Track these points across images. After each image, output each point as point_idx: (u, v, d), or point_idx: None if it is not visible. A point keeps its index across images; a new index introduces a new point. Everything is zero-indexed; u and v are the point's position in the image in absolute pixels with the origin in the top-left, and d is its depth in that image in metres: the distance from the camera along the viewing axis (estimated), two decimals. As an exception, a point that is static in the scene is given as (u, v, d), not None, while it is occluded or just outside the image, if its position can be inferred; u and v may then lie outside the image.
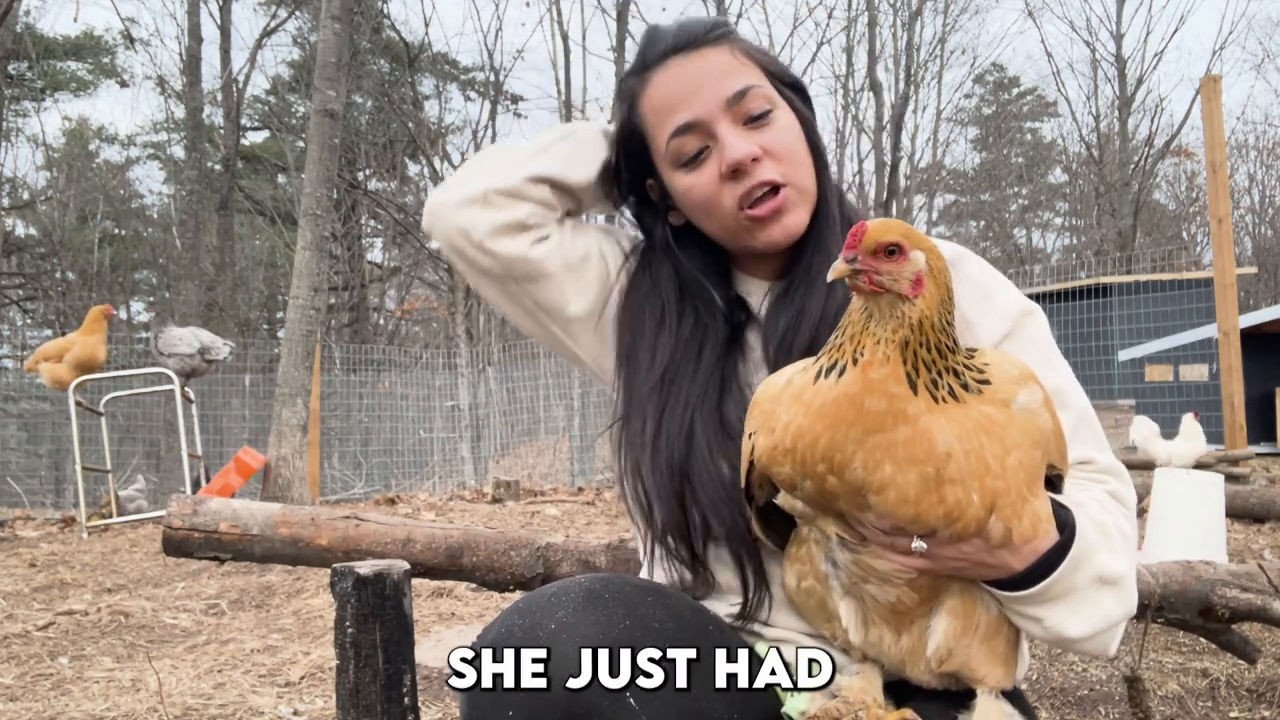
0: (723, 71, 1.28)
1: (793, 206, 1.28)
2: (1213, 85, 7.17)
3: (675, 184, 1.32)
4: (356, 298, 23.01)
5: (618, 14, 21.73)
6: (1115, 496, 1.21)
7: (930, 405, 0.93)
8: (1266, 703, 2.69)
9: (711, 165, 1.28)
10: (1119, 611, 1.08)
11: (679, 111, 1.28)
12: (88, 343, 7.05)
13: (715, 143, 1.28)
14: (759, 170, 1.26)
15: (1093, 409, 1.29)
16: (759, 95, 1.28)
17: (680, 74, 1.29)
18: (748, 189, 1.26)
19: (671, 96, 1.29)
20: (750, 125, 1.28)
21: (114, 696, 2.87)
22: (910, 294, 0.93)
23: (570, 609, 1.00)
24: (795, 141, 1.30)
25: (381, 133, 21.67)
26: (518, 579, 1.88)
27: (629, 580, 1.13)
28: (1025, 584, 1.03)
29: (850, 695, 1.09)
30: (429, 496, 8.58)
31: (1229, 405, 6.86)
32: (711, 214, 1.31)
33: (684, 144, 1.29)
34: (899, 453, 0.93)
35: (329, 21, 8.18)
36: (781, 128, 1.30)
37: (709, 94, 1.27)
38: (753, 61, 1.31)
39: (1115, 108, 27.66)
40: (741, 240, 1.32)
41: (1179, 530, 3.67)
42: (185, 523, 1.92)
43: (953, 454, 0.93)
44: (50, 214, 23.88)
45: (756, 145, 1.26)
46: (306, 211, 8.08)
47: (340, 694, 1.28)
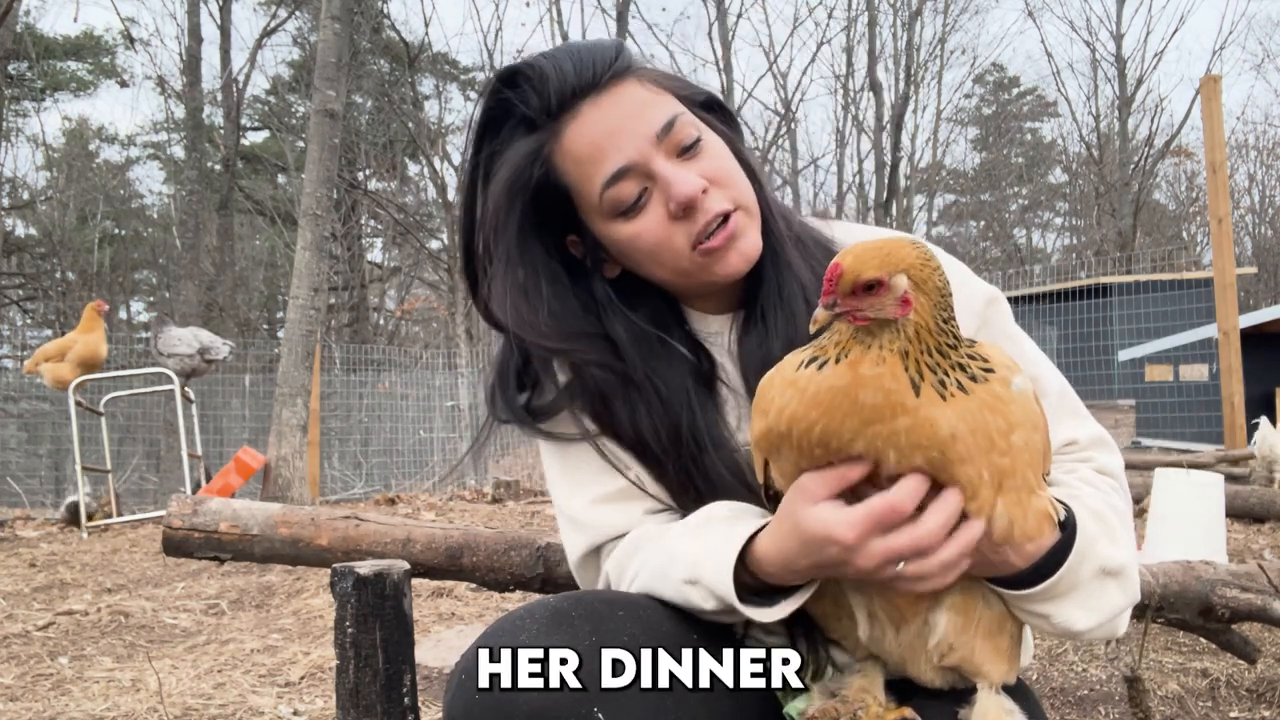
0: (641, 106, 1.19)
1: (745, 230, 1.22)
2: (1213, 85, 7.17)
3: (615, 234, 1.22)
4: (356, 298, 23.02)
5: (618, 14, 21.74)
6: (1105, 471, 1.21)
7: (934, 400, 0.93)
8: (1266, 703, 2.69)
9: (655, 207, 1.19)
10: (1123, 600, 1.08)
11: (608, 158, 1.18)
12: (89, 340, 7.05)
13: (655, 183, 1.19)
14: (709, 202, 1.19)
15: (1069, 386, 1.30)
16: (686, 124, 1.21)
17: (598, 118, 1.18)
18: (703, 225, 1.19)
19: (595, 144, 1.18)
20: (684, 157, 1.20)
21: (114, 696, 2.87)
22: (898, 316, 0.93)
23: (534, 630, 1.01)
24: (730, 163, 1.24)
25: (381, 133, 21.67)
26: (518, 579, 1.87)
27: (601, 595, 1.13)
28: (1030, 582, 1.03)
29: (850, 694, 1.10)
30: (429, 496, 8.57)
31: (1229, 405, 6.86)
32: (662, 258, 1.22)
33: (621, 191, 1.18)
34: (901, 440, 0.94)
35: (329, 21, 8.18)
36: (714, 153, 1.23)
37: (635, 133, 1.18)
38: (665, 89, 1.24)
39: (1115, 108, 27.69)
40: (699, 278, 1.24)
41: (1179, 530, 3.67)
42: (185, 523, 1.92)
43: (957, 435, 0.93)
44: (50, 214, 23.88)
45: (699, 176, 1.19)
46: (306, 211, 8.08)
47: (340, 694, 1.28)
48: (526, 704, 0.96)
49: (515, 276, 1.25)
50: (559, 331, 1.24)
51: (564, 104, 1.19)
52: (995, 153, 34.44)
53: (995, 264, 30.28)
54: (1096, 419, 1.30)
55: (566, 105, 1.19)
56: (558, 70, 1.18)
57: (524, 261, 1.25)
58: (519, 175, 1.22)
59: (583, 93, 1.19)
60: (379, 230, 24.76)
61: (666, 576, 1.12)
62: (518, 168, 1.22)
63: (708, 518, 1.16)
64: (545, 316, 1.24)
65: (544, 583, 1.86)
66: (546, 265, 1.26)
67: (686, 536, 1.13)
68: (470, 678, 0.99)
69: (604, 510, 1.25)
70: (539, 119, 1.21)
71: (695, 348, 1.29)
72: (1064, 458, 1.22)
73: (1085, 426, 1.26)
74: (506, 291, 1.25)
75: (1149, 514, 3.85)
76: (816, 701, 1.11)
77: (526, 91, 1.21)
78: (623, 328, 1.25)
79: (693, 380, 1.25)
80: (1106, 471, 1.21)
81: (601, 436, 1.26)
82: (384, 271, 25.60)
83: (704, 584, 1.08)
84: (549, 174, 1.22)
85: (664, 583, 1.13)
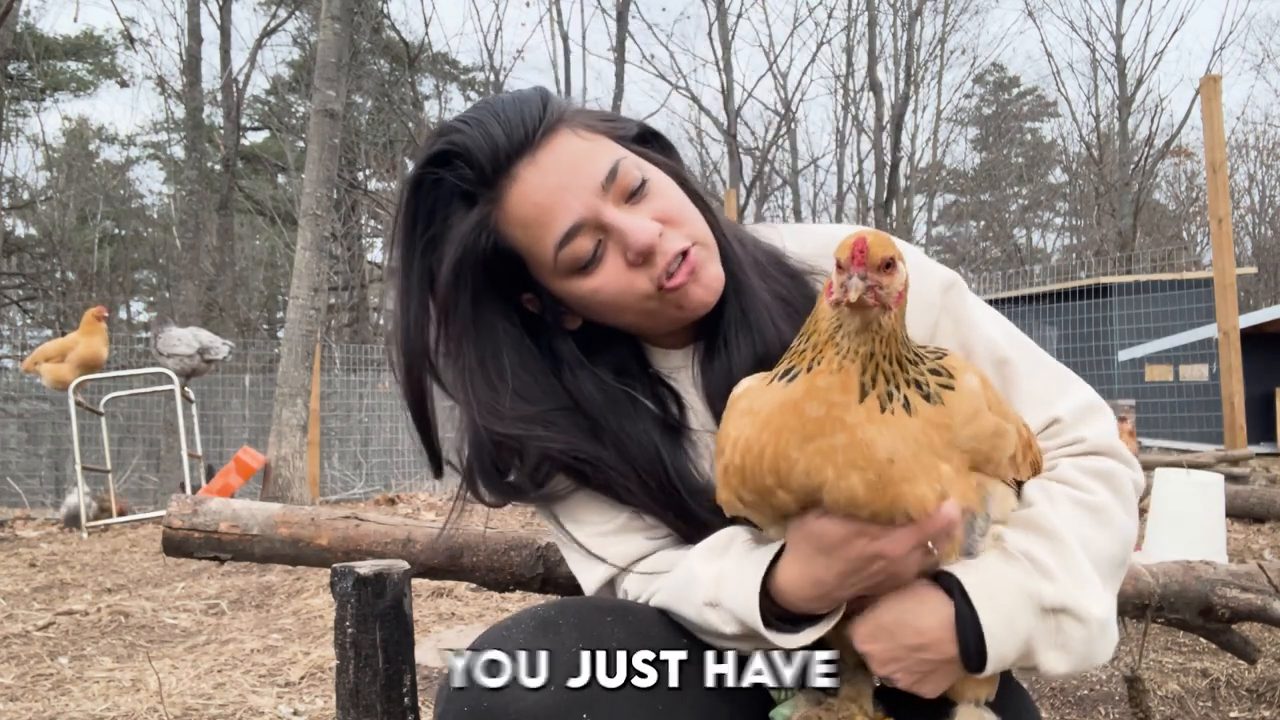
0: (580, 157, 1.16)
1: (705, 263, 1.19)
2: (1213, 85, 7.17)
3: (575, 291, 1.19)
4: (356, 298, 23.01)
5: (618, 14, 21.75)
6: (1096, 450, 1.16)
7: (873, 414, 0.92)
8: (1266, 703, 2.69)
9: (613, 258, 1.17)
10: (1082, 632, 1.02)
11: (557, 219, 1.14)
12: (91, 343, 7.09)
13: (609, 234, 1.16)
14: (666, 244, 1.16)
15: (1040, 353, 1.25)
16: (629, 167, 1.17)
17: (538, 179, 1.14)
18: (662, 266, 1.16)
19: (540, 205, 1.15)
20: (633, 202, 1.17)
21: (114, 696, 2.87)
22: (895, 305, 0.93)
23: (521, 638, 1.01)
24: (679, 199, 1.21)
25: (381, 133, 21.68)
26: (518, 579, 1.87)
27: (590, 602, 1.13)
28: (978, 658, 1.01)
29: (837, 703, 1.10)
30: (429, 496, 8.57)
31: (1229, 405, 6.86)
32: (626, 305, 1.19)
33: (576, 250, 1.15)
34: (839, 458, 0.93)
35: (329, 21, 8.18)
36: (661, 191, 1.20)
37: (580, 187, 1.14)
38: (598, 133, 1.20)
39: (1115, 108, 27.67)
40: (666, 317, 1.21)
41: (1179, 530, 3.66)
42: (185, 523, 1.92)
43: (895, 458, 0.92)
44: (50, 214, 23.89)
45: (651, 220, 1.16)
46: (306, 211, 8.08)
47: (340, 694, 1.28)
48: (515, 709, 0.96)
49: (473, 356, 1.21)
50: (523, 415, 1.20)
51: (499, 169, 1.15)
52: (995, 153, 34.43)
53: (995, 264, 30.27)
54: (1049, 360, 1.26)
55: (502, 170, 1.15)
56: (486, 136, 1.14)
57: (481, 336, 1.22)
58: (468, 250, 1.17)
59: (517, 155, 1.15)
60: (379, 230, 24.75)
61: (686, 598, 1.10)
62: (464, 243, 1.17)
63: (730, 539, 1.13)
64: (509, 399, 1.20)
65: (544, 583, 1.86)
66: (507, 332, 1.23)
67: (708, 559, 1.12)
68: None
69: (610, 542, 1.24)
70: (477, 191, 1.17)
71: (661, 388, 1.27)
72: (1049, 443, 1.19)
73: (1067, 398, 1.21)
74: (465, 376, 1.21)
75: (1149, 514, 3.85)
76: (802, 708, 1.11)
77: (458, 166, 1.16)
78: (590, 386, 1.23)
79: (660, 432, 1.23)
80: (1096, 449, 1.17)
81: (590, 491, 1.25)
82: (384, 271, 25.55)
83: (725, 607, 1.06)
84: (497, 243, 1.18)
85: (683, 605, 1.11)
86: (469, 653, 1.02)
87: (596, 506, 1.25)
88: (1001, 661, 1.01)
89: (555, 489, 1.25)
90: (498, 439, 1.21)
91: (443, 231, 1.19)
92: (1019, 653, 1.01)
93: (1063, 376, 1.25)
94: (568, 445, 1.20)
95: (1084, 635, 1.02)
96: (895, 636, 1.02)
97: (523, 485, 1.24)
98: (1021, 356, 1.23)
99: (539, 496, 1.25)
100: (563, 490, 1.25)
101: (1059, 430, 1.20)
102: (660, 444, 1.22)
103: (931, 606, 1.02)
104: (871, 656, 1.04)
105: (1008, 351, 1.23)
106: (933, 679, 1.04)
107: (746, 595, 1.04)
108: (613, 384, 1.24)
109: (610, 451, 1.21)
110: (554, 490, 1.25)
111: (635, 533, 1.24)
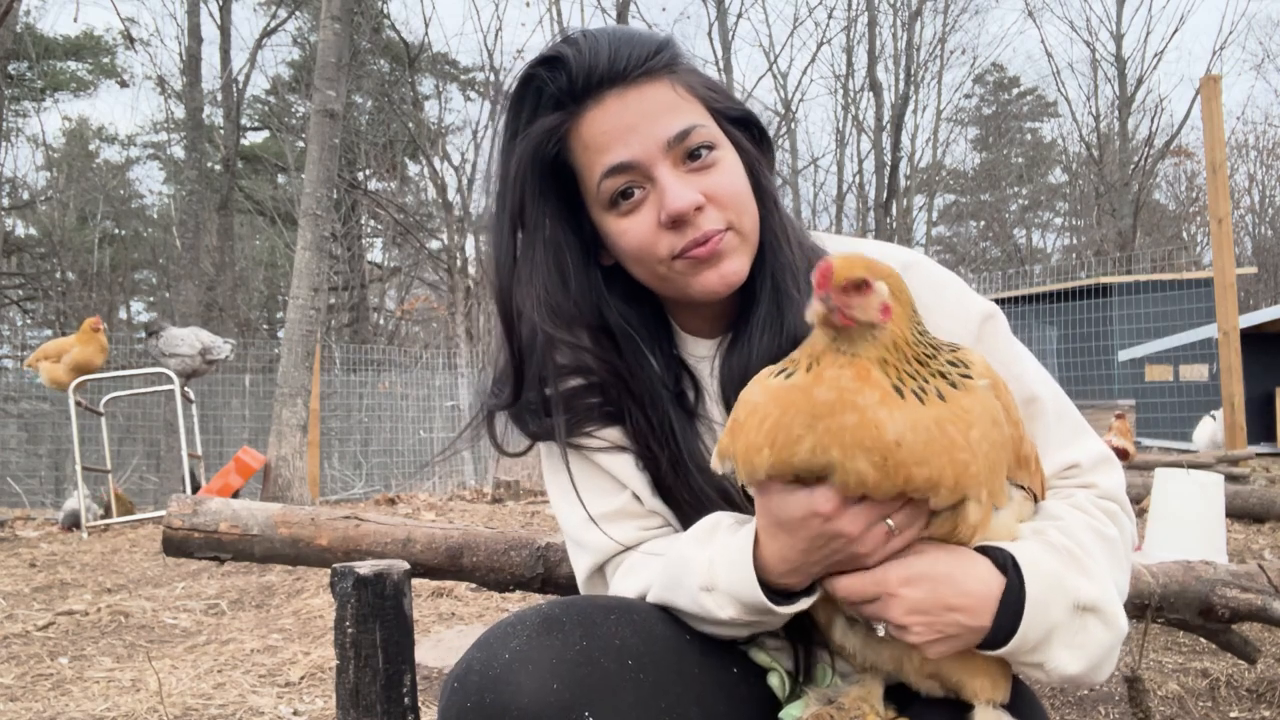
0: (663, 109, 1.18)
1: (732, 251, 1.20)
2: (1213, 85, 7.17)
3: (607, 226, 1.22)
4: (356, 298, 23.01)
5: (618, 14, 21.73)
6: (1107, 496, 1.20)
7: (887, 399, 0.95)
8: (1266, 703, 2.69)
9: (648, 211, 1.19)
10: (1107, 637, 1.05)
11: (614, 150, 1.18)
12: (85, 350, 7.17)
13: (654, 186, 1.18)
14: (701, 220, 1.17)
15: (1067, 399, 1.28)
16: (701, 134, 1.19)
17: (618, 110, 1.18)
18: (689, 240, 1.17)
19: (607, 134, 1.18)
20: (692, 168, 1.18)
21: (114, 696, 2.87)
22: (881, 320, 0.96)
23: (524, 638, 1.02)
24: (739, 184, 1.21)
25: (381, 133, 21.66)
26: (518, 579, 1.87)
27: (594, 600, 1.14)
28: (1003, 637, 1.02)
29: (847, 702, 1.10)
30: (429, 496, 8.57)
31: (1229, 405, 6.86)
32: (642, 260, 1.22)
33: (616, 184, 1.18)
34: (846, 438, 0.94)
35: (329, 21, 8.18)
36: (725, 170, 1.20)
37: (647, 133, 1.17)
38: (696, 97, 1.21)
39: (1115, 108, 27.68)
40: (675, 287, 1.22)
41: (1179, 530, 3.66)
42: (185, 523, 1.92)
43: (903, 442, 0.94)
44: (50, 214, 23.88)
45: (699, 192, 1.17)
46: (306, 211, 8.08)
47: (340, 694, 1.28)
48: (518, 707, 0.96)
49: (540, 251, 1.26)
50: (573, 316, 1.25)
51: (589, 89, 1.18)
52: (995, 153, 34.43)
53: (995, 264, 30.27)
54: (1096, 418, 1.29)
55: (591, 91, 1.18)
56: (593, 53, 1.17)
57: (543, 237, 1.26)
58: (536, 149, 1.22)
59: (610, 82, 1.18)
60: (379, 230, 24.75)
61: (680, 585, 1.12)
62: (536, 141, 1.21)
63: (714, 525, 1.15)
64: (572, 295, 1.25)
65: (544, 583, 1.87)
66: (567, 240, 1.27)
67: (696, 545, 1.13)
68: (462, 685, 1.00)
69: (603, 528, 1.26)
70: (564, 100, 1.20)
71: (681, 370, 1.29)
72: (1064, 483, 1.21)
73: (1087, 447, 1.24)
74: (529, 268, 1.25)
75: (1149, 514, 3.85)
76: (813, 707, 1.11)
77: (558, 72, 1.19)
78: (618, 316, 1.27)
79: (670, 395, 1.26)
80: (1108, 496, 1.20)
81: (607, 452, 1.27)
82: (384, 271, 25.58)
83: (721, 589, 1.07)
84: (559, 153, 1.23)
85: (678, 592, 1.12)
86: (473, 650, 1.03)
87: (598, 486, 1.28)
88: (1022, 644, 1.01)
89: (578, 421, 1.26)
90: (541, 340, 1.25)
91: (529, 126, 1.23)
92: (1038, 642, 1.02)
93: (1083, 426, 1.27)
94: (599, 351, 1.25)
95: (1106, 640, 1.05)
96: (936, 590, 1.01)
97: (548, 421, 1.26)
98: (1050, 398, 1.25)
99: (576, 444, 1.26)
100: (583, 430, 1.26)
101: (1076, 473, 1.22)
102: (669, 399, 1.25)
103: (980, 573, 1.03)
104: (900, 601, 1.01)
105: (1038, 389, 1.24)
106: (948, 643, 1.03)
107: (741, 573, 1.06)
108: (623, 325, 1.27)
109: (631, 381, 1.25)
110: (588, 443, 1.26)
111: (629, 520, 1.26)
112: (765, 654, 1.21)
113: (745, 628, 1.11)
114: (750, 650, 1.21)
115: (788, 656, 1.20)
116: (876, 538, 1.00)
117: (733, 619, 1.08)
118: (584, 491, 1.28)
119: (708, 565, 1.09)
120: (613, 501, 1.27)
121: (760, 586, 1.05)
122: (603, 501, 1.27)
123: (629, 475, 1.26)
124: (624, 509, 1.26)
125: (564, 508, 1.30)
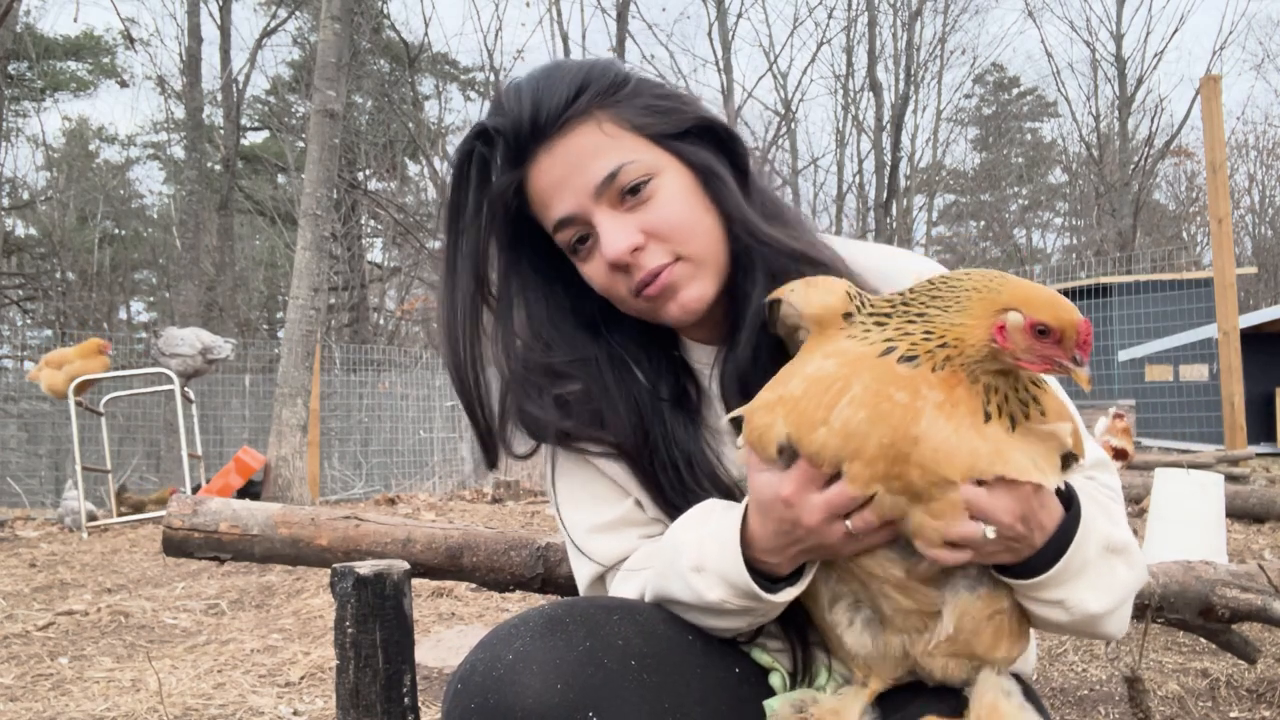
0: (588, 155, 1.17)
1: (686, 280, 1.19)
2: (1213, 85, 7.17)
3: (579, 269, 1.25)
4: (356, 298, 23.00)
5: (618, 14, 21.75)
6: (1106, 488, 1.22)
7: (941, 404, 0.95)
8: (1266, 703, 2.69)
9: (599, 256, 1.20)
10: (1131, 579, 1.09)
11: (554, 205, 1.20)
12: (87, 364, 7.18)
13: (595, 232, 1.19)
14: (644, 259, 1.17)
15: (1072, 405, 1.29)
16: (631, 171, 1.17)
17: (548, 166, 1.19)
18: (638, 280, 1.18)
19: (545, 190, 1.20)
20: (629, 206, 1.17)
21: (114, 696, 2.87)
22: None
23: (528, 638, 1.02)
24: (680, 212, 1.19)
25: (381, 133, 21.67)
26: (518, 579, 1.87)
27: (597, 601, 1.14)
28: (1044, 564, 1.02)
29: (818, 713, 1.08)
30: (429, 497, 8.57)
31: (1229, 405, 6.86)
32: (613, 300, 1.24)
33: (568, 236, 1.21)
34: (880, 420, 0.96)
35: (329, 21, 8.18)
36: (663, 200, 1.18)
37: (578, 184, 1.17)
38: (627, 129, 1.19)
39: (1115, 108, 27.68)
40: (653, 318, 1.24)
41: (1179, 530, 3.66)
42: (185, 523, 1.92)
43: (922, 440, 0.95)
44: (50, 214, 23.88)
45: (638, 230, 1.17)
46: (306, 211, 8.08)
47: (340, 694, 1.28)
48: (522, 707, 0.96)
49: (529, 297, 1.29)
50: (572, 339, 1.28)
51: (523, 151, 1.20)
52: (995, 153, 34.43)
53: (995, 264, 30.26)
54: (1089, 419, 1.30)
55: (525, 153, 1.20)
56: (516, 116, 1.19)
57: (532, 279, 1.29)
58: (507, 207, 1.25)
59: (535, 140, 1.19)
60: (379, 230, 24.75)
61: (673, 568, 1.12)
62: (505, 200, 1.24)
63: (709, 508, 1.16)
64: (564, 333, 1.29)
65: (544, 583, 1.86)
66: (548, 276, 1.30)
67: (689, 527, 1.14)
68: (466, 686, 1.00)
69: (602, 539, 1.27)
70: (506, 167, 1.23)
71: (682, 372, 1.30)
72: None
73: (1089, 450, 1.24)
74: (529, 312, 1.29)
75: (1149, 514, 3.85)
76: (784, 710, 1.10)
77: (492, 147, 1.23)
78: (621, 335, 1.29)
79: (670, 398, 1.27)
80: (1107, 486, 1.23)
81: (605, 458, 1.27)
82: (384, 271, 25.58)
83: (710, 569, 1.08)
84: (522, 206, 1.25)
85: (671, 580, 1.12)
86: (476, 651, 1.03)
87: (599, 493, 1.28)
88: (1062, 571, 1.02)
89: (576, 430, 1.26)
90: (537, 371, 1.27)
91: (481, 197, 1.25)
92: (1072, 575, 1.03)
93: (1084, 433, 1.28)
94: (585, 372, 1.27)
95: (1130, 581, 1.09)
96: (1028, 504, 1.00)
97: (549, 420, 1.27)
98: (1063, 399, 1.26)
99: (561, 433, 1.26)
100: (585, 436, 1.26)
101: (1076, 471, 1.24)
102: (658, 405, 1.26)
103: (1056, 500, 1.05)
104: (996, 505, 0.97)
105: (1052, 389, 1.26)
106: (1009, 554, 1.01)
107: (729, 552, 1.07)
108: (619, 353, 1.29)
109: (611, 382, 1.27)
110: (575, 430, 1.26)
111: (629, 529, 1.26)
112: (767, 654, 1.21)
113: (741, 617, 1.11)
114: (752, 651, 1.21)
115: (789, 657, 1.20)
116: (836, 535, 1.01)
117: (722, 601, 1.08)
118: (586, 499, 1.28)
119: (698, 544, 1.10)
120: (615, 509, 1.27)
121: (748, 569, 1.06)
122: (605, 509, 1.27)
123: (631, 482, 1.26)
124: (626, 517, 1.26)
125: (566, 514, 1.30)
